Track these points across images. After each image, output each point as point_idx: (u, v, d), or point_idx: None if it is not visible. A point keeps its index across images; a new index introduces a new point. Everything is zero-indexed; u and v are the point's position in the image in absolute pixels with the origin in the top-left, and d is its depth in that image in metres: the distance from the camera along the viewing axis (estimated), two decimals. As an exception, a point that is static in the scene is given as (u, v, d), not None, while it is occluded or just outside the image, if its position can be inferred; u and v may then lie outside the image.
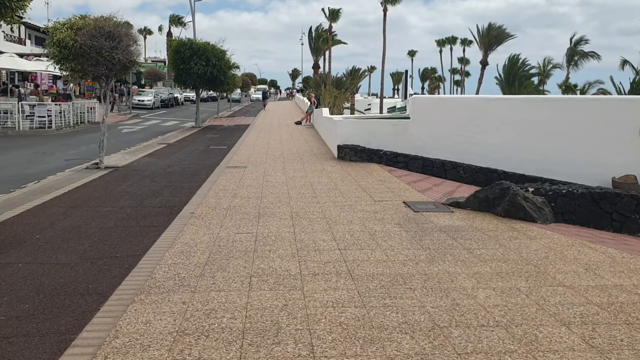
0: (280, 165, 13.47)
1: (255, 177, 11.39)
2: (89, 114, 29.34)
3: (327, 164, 13.86)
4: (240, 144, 18.95)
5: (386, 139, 14.78)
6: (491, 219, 7.77)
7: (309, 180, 11.16)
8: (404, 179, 11.79)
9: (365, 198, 9.20)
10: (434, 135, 14.68)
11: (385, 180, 11.29)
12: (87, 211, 8.04)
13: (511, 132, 14.29)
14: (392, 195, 9.55)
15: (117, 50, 12.30)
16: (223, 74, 26.71)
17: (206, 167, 13.09)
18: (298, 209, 8.26)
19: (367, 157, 14.34)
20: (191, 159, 14.75)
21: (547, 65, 76.12)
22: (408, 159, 14.08)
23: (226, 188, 10.05)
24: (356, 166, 13.47)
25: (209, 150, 16.88)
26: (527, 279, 5.17)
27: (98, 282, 5.02)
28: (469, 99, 15.32)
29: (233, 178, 11.26)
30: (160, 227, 7.07)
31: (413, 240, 6.51)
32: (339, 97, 37.92)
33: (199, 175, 11.66)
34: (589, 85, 66.22)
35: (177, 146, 18.13)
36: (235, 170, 12.40)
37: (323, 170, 12.70)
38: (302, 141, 20.02)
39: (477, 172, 13.82)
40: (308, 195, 9.37)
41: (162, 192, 9.71)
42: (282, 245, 6.22)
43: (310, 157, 15.29)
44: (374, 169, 13.01)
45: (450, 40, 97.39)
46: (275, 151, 16.60)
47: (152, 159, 14.50)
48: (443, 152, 14.57)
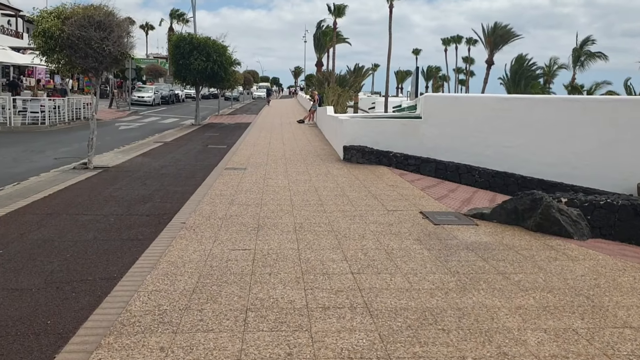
0: (282, 167, 12.55)
1: (255, 181, 10.48)
2: (86, 109, 28.40)
3: (332, 166, 12.93)
4: (240, 143, 18.03)
5: (396, 139, 13.86)
6: (522, 234, 6.84)
7: (313, 184, 10.25)
8: (417, 184, 10.87)
9: (377, 207, 8.27)
10: (446, 137, 13.76)
11: (396, 186, 10.37)
12: (64, 220, 7.12)
13: (529, 134, 13.37)
14: (406, 203, 8.62)
15: (108, 42, 11.38)
16: (224, 70, 25.79)
17: (203, 168, 12.17)
18: (302, 219, 7.34)
19: (375, 159, 13.42)
20: (188, 159, 13.83)
21: (553, 66, 75.12)
22: (420, 162, 13.15)
23: (223, 193, 9.13)
24: (364, 169, 12.54)
25: (208, 150, 15.97)
26: (582, 317, 4.25)
27: (60, 316, 4.11)
28: (484, 99, 14.40)
29: (231, 181, 10.34)
30: (145, 241, 6.16)
31: (437, 261, 5.59)
32: (342, 95, 37.02)
33: (195, 178, 10.74)
34: (596, 85, 65.19)
35: (174, 145, 17.22)
36: (234, 173, 11.48)
37: (328, 173, 11.78)
38: (305, 141, 19.10)
39: (493, 176, 12.90)
40: (313, 203, 8.45)
41: (152, 197, 8.80)
42: (285, 266, 5.30)
43: (314, 158, 14.37)
44: (384, 173, 12.08)
45: (455, 39, 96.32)
46: (277, 151, 15.68)
47: (146, 159, 13.59)
48: (456, 154, 13.65)
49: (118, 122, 28.43)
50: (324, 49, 63.50)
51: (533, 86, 63.94)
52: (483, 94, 32.31)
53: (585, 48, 72.09)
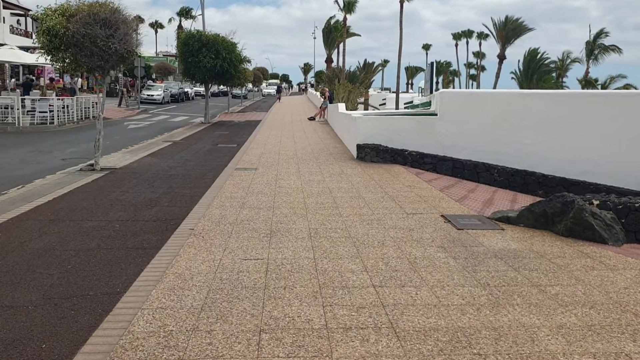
0: (294, 167, 12.16)
1: (266, 182, 10.10)
2: (95, 109, 28.17)
3: (345, 165, 12.53)
4: (250, 142, 17.67)
5: (411, 137, 13.42)
6: (552, 240, 6.40)
7: (327, 185, 9.85)
8: (435, 184, 10.44)
9: (395, 209, 7.86)
10: (464, 134, 13.30)
11: (414, 186, 9.94)
12: (68, 226, 6.78)
13: (549, 131, 12.87)
14: (426, 205, 8.20)
15: (114, 39, 11.04)
16: (234, 68, 25.41)
17: (212, 169, 11.81)
18: (317, 224, 6.95)
19: (390, 157, 12.99)
20: (197, 159, 13.49)
21: (566, 60, 74.13)
22: (436, 160, 12.71)
23: (233, 195, 8.76)
24: (379, 168, 12.12)
25: (217, 149, 15.62)
26: (634, 338, 3.82)
27: (57, 339, 3.75)
28: (503, 94, 13.92)
29: (242, 183, 9.97)
30: (152, 250, 5.80)
31: (465, 271, 5.18)
32: (353, 91, 36.58)
33: (204, 179, 10.39)
34: (611, 79, 64.14)
35: (183, 144, 16.89)
36: (244, 173, 11.11)
37: (342, 173, 11.38)
38: (317, 139, 18.71)
39: (513, 174, 12.43)
40: (328, 206, 8.05)
41: (160, 200, 8.44)
42: (301, 278, 4.91)
43: (327, 157, 13.96)
44: (400, 172, 11.66)
45: (466, 34, 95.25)
46: (288, 150, 15.29)
47: (155, 159, 13.25)
48: (474, 152, 13.19)
49: (127, 121, 28.19)
50: (333, 45, 62.95)
51: (546, 80, 63.14)
52: (501, 90, 31.67)
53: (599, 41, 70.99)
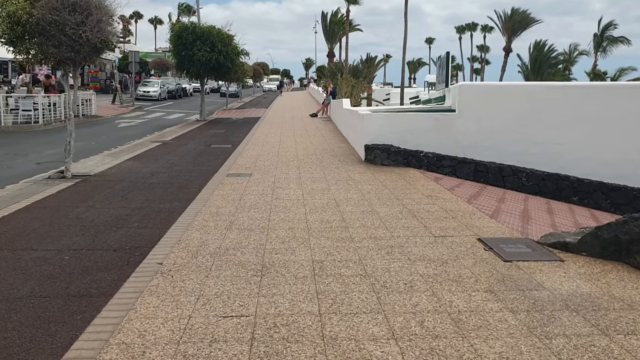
0: (294, 171, 10.65)
1: (261, 192, 8.59)
2: (85, 106, 26.70)
3: (353, 169, 11.01)
4: (247, 141, 16.15)
5: (426, 137, 11.88)
6: (635, 279, 4.87)
7: (333, 196, 8.33)
8: (459, 193, 8.91)
9: (419, 230, 6.34)
10: (485, 132, 11.77)
11: (435, 196, 8.42)
12: (2, 259, 5.28)
13: (584, 128, 11.34)
14: (455, 224, 6.67)
15: (85, 27, 9.51)
16: (230, 61, 23.88)
17: (201, 174, 10.30)
18: (322, 253, 5.43)
19: (403, 160, 11.46)
20: (185, 162, 11.97)
21: (573, 52, 72.49)
22: (456, 163, 11.18)
23: (220, 211, 7.25)
24: (391, 173, 10.60)
25: (210, 151, 14.10)
26: None
27: None
28: (530, 87, 12.38)
29: (232, 193, 8.46)
30: (100, 299, 4.29)
31: (533, 336, 3.65)
32: (356, 86, 35.09)
33: (189, 189, 8.88)
34: (621, 71, 62.48)
35: (173, 145, 15.38)
36: (236, 181, 9.61)
37: (350, 179, 9.86)
38: (320, 138, 17.17)
39: (543, 179, 10.90)
40: (335, 225, 6.54)
41: (130, 219, 6.93)
42: (300, 353, 3.40)
43: (331, 159, 12.44)
44: (416, 178, 10.13)
45: (470, 27, 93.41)
46: (288, 151, 13.78)
47: (137, 164, 11.75)
48: (497, 153, 11.66)
49: (119, 119, 26.70)
50: (335, 39, 61.25)
51: (555, 73, 61.47)
52: (528, 82, 30.03)
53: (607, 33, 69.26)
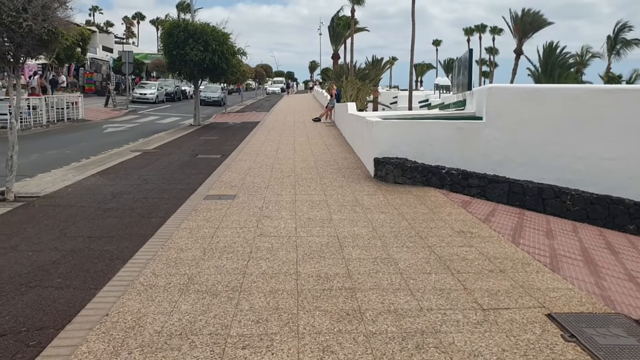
0: (288, 192, 8.71)
1: (243, 224, 6.65)
2: (71, 109, 24.83)
3: (360, 189, 9.06)
4: (240, 151, 14.23)
5: (448, 149, 9.94)
6: None
7: (335, 230, 6.39)
8: (496, 225, 6.95)
9: (459, 296, 4.39)
10: (520, 144, 9.83)
11: (469, 232, 6.46)
12: None
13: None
14: (507, 283, 4.71)
15: (26, 14, 7.63)
16: (225, 61, 21.97)
17: (174, 196, 8.38)
18: (317, 346, 3.49)
19: (420, 177, 9.50)
20: (160, 179, 10.05)
21: (586, 55, 70.35)
22: (485, 182, 9.22)
23: (181, 258, 5.32)
24: (407, 194, 8.65)
25: (194, 163, 12.18)
26: None
27: None
28: (573, 90, 10.40)
29: (205, 227, 6.52)
30: None
31: None
32: (362, 89, 33.16)
33: (151, 219, 6.95)
34: (637, 75, 60.26)
35: (154, 155, 13.46)
36: (215, 206, 7.67)
37: (357, 203, 7.92)
38: (322, 146, 15.23)
39: (592, 202, 8.92)
40: (337, 287, 4.59)
41: (53, 270, 5.01)
42: None
43: (335, 175, 10.49)
44: (439, 202, 8.17)
45: (479, 29, 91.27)
46: (285, 164, 11.84)
47: (102, 180, 9.83)
48: (534, 169, 9.72)
49: (108, 124, 24.82)
50: (340, 40, 59.22)
51: (568, 76, 59.38)
52: (573, 85, 27.93)
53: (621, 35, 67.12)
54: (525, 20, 66.80)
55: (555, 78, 58.82)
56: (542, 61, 63.94)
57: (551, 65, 62.10)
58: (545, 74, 62.18)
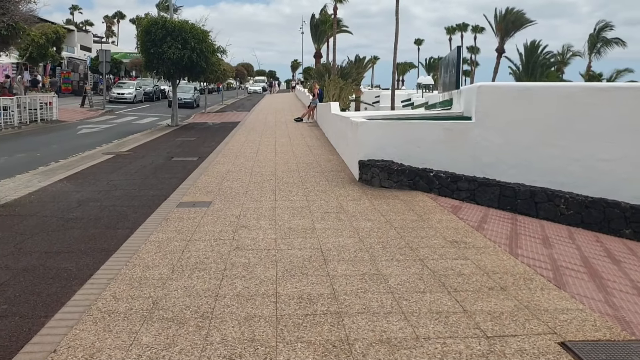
0: (269, 197, 8.18)
1: (218, 235, 6.10)
2: (45, 110, 23.98)
3: (345, 194, 8.56)
4: (218, 152, 13.64)
5: (435, 151, 9.49)
6: None
7: (319, 241, 5.88)
8: (490, 233, 6.49)
9: (458, 321, 3.90)
10: (511, 146, 9.43)
11: (463, 242, 5.98)
12: None
13: (637, 140, 9.06)
14: (511, 303, 4.23)
15: (-19, 6, 7.00)
16: (204, 60, 21.33)
17: (144, 204, 7.79)
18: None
19: (407, 181, 9.02)
20: (131, 184, 9.44)
21: (567, 53, 70.69)
22: (475, 186, 8.76)
23: (146, 277, 4.76)
24: (394, 199, 8.17)
25: (169, 166, 11.58)
26: None
27: None
28: (567, 89, 10.02)
29: (175, 239, 5.96)
30: None
31: None
32: (344, 88, 32.71)
33: (118, 230, 6.37)
34: (617, 73, 60.72)
35: (127, 158, 12.81)
36: (188, 214, 7.11)
37: (341, 210, 7.41)
38: (305, 147, 14.71)
39: (587, 206, 8.51)
40: (321, 311, 4.06)
41: (0, 293, 4.43)
42: None
43: (318, 178, 9.98)
44: (428, 207, 7.70)
45: (461, 27, 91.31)
46: (266, 166, 11.30)
47: (69, 186, 9.20)
48: (526, 172, 9.33)
49: (83, 124, 24.02)
50: (323, 39, 58.64)
51: (549, 75, 59.59)
52: (566, 83, 27.65)
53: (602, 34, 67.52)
54: (508, 19, 66.93)
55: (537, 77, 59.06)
56: (523, 60, 64.18)
57: (533, 64, 62.35)
58: (527, 73, 62.43)
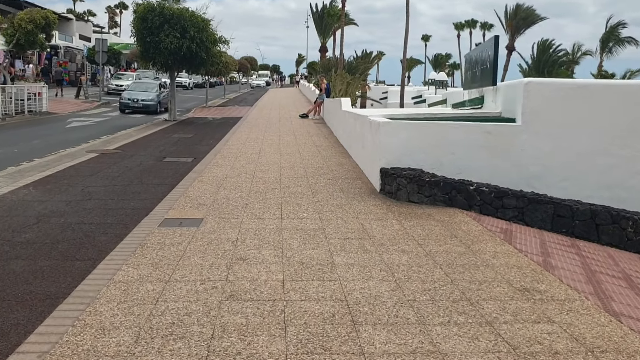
0: (273, 214, 6.65)
1: (206, 275, 4.58)
2: (33, 101, 22.48)
3: (365, 210, 7.03)
4: (216, 152, 12.11)
5: (473, 158, 7.96)
6: None
7: (341, 286, 4.35)
8: (565, 274, 4.96)
9: None
10: (564, 153, 7.91)
11: (534, 289, 4.44)
12: None
13: None
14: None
15: None
16: (205, 50, 19.76)
17: (118, 221, 6.27)
18: None
19: (442, 195, 7.47)
20: (108, 192, 7.91)
21: (577, 52, 69.01)
22: (525, 203, 7.20)
23: (97, 349, 3.23)
24: (428, 220, 6.63)
25: (158, 168, 10.05)
26: None
27: None
28: (631, 87, 8.48)
29: (148, 282, 4.43)
30: None
31: None
32: (352, 83, 31.22)
33: (75, 262, 4.85)
34: (631, 73, 58.94)
35: (112, 158, 11.28)
36: (172, 239, 5.59)
37: (365, 235, 5.88)
38: (312, 148, 13.17)
39: (661, 230, 6.97)
40: None
41: None
42: None
43: (331, 187, 8.45)
44: (473, 233, 6.15)
45: (470, 24, 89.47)
46: (269, 171, 9.78)
47: (35, 193, 7.68)
48: (580, 185, 7.81)
49: (75, 117, 22.54)
50: (329, 32, 56.85)
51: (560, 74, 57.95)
52: (631, 80, 26.03)
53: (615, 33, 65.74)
54: (520, 16, 65.20)
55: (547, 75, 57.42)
56: (534, 58, 62.61)
57: (544, 62, 60.80)
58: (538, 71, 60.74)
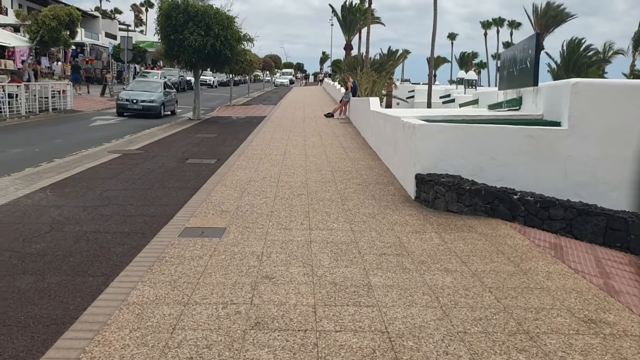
0: (300, 224, 6.19)
1: (229, 297, 4.12)
2: (57, 99, 22.37)
3: (401, 220, 6.51)
4: (239, 154, 11.71)
5: (515, 165, 7.39)
6: None
7: (380, 313, 3.87)
8: (632, 299, 4.40)
9: None
10: (612, 161, 7.27)
11: (602, 321, 3.89)
12: None
13: None
14: None
15: None
16: (229, 48, 19.42)
17: (137, 230, 5.87)
18: None
19: (482, 204, 6.91)
20: (128, 197, 7.53)
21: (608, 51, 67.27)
22: (574, 215, 6.60)
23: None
24: (471, 232, 6.09)
25: (180, 171, 9.67)
26: None
27: None
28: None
29: (164, 304, 4.00)
30: None
31: None
32: (378, 82, 30.59)
33: (87, 278, 4.44)
34: (667, 72, 57.11)
35: (134, 159, 10.95)
36: (192, 252, 5.15)
37: (402, 250, 5.38)
38: (339, 150, 12.68)
39: None
40: None
41: None
42: None
43: (361, 194, 7.95)
44: (521, 249, 5.60)
45: (497, 22, 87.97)
46: (295, 174, 9.32)
47: (50, 197, 7.34)
48: (628, 195, 7.15)
49: (99, 115, 22.39)
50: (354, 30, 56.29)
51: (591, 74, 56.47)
52: None
53: (647, 31, 63.79)
54: (550, 14, 63.75)
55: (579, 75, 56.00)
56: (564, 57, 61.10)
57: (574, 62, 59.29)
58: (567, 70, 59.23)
